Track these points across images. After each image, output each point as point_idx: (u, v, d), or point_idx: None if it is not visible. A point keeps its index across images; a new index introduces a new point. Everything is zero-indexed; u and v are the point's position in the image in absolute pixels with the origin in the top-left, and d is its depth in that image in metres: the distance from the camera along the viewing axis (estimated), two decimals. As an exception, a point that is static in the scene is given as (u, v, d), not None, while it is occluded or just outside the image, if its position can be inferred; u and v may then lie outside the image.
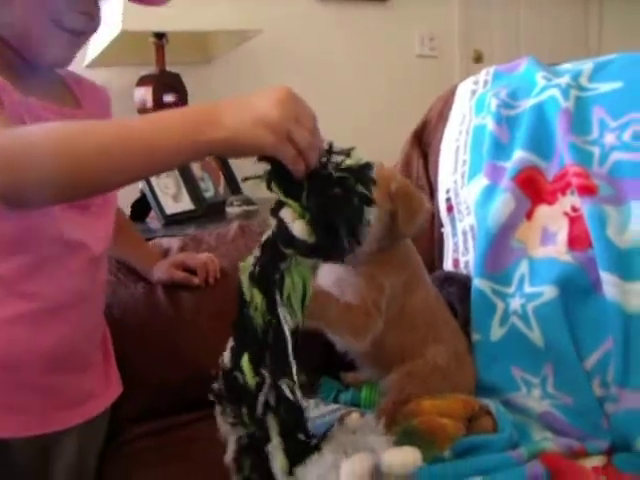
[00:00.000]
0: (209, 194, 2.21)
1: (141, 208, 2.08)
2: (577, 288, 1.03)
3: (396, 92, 2.89)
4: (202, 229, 1.83)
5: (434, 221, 1.37)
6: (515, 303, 1.09)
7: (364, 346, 1.00)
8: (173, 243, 1.32)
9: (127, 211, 1.97)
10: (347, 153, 0.77)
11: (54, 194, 0.74)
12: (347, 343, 1.03)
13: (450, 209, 1.33)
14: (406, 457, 0.76)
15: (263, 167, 0.76)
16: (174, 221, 2.00)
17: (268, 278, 0.76)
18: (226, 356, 0.80)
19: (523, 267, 1.11)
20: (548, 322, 1.04)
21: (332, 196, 0.74)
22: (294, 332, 0.77)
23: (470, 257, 1.24)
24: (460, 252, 1.28)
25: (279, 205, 0.77)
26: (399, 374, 1.00)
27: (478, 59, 3.19)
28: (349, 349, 1.07)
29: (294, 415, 0.77)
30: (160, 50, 2.23)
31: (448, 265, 1.31)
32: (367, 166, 0.78)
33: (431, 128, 1.52)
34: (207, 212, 2.11)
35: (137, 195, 2.09)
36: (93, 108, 1.02)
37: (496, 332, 1.10)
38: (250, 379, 0.76)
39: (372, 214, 0.77)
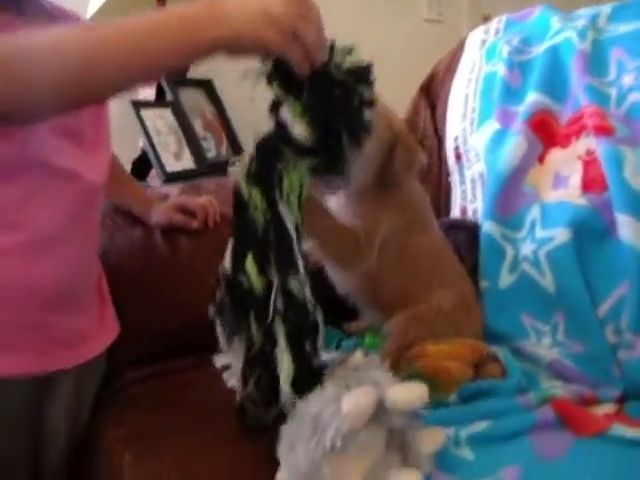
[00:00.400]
0: (211, 154, 2.16)
1: (142, 166, 2.03)
2: (591, 231, 0.99)
3: (403, 55, 2.82)
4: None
5: (441, 170, 1.32)
6: (526, 249, 1.05)
7: (350, 278, 0.98)
8: (172, 190, 1.28)
9: (128, 168, 1.94)
10: (348, 52, 0.74)
11: (52, 102, 0.70)
12: (334, 271, 1.01)
13: (458, 157, 1.29)
14: (411, 393, 0.72)
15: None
16: (175, 178, 1.95)
17: (266, 177, 0.73)
18: (227, 261, 0.76)
19: (535, 212, 1.07)
20: (560, 267, 1.00)
21: (334, 97, 0.72)
22: (296, 231, 0.74)
23: (478, 204, 1.20)
24: (468, 200, 1.24)
25: (278, 103, 0.73)
26: (403, 316, 0.97)
27: (487, 24, 3.12)
28: (349, 291, 1.04)
29: (303, 317, 0.74)
30: (162, 6, 2.17)
31: (455, 213, 1.27)
32: (368, 68, 0.75)
33: (439, 81, 1.48)
34: (208, 171, 2.06)
35: (138, 153, 2.05)
36: None
37: (505, 279, 1.06)
38: (255, 280, 0.73)
39: (372, 116, 0.75)
